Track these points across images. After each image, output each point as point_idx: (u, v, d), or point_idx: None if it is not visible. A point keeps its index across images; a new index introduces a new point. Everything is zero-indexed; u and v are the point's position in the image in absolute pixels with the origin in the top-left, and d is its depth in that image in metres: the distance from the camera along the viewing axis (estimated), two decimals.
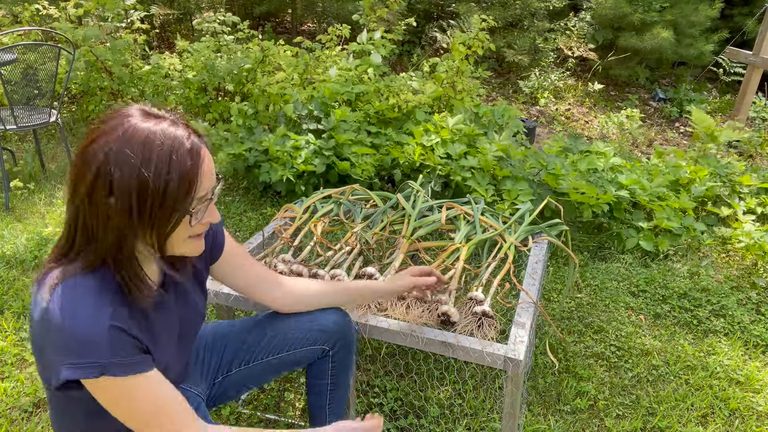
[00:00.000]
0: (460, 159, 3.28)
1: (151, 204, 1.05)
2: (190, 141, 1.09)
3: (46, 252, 2.91)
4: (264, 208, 3.51)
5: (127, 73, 4.33)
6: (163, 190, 1.05)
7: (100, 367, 1.04)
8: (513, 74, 6.48)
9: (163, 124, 1.08)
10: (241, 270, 1.46)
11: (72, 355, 1.03)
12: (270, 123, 3.89)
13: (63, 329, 1.03)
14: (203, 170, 1.10)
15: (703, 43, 5.93)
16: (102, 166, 1.04)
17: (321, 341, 1.56)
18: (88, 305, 1.05)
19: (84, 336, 1.03)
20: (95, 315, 1.05)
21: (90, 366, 1.03)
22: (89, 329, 1.03)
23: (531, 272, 1.98)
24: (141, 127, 1.06)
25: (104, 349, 1.04)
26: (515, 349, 1.57)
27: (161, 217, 1.08)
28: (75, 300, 1.05)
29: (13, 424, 2.00)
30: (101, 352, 1.04)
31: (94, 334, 1.04)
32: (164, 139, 1.06)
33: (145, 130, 1.06)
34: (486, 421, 2.03)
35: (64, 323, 1.03)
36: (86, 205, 1.06)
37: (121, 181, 1.04)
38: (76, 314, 1.04)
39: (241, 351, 1.56)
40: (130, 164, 1.04)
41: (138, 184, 1.04)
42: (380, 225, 2.15)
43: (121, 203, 1.04)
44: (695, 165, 3.60)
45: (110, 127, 1.07)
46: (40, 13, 4.56)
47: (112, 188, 1.04)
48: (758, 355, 2.41)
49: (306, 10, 7.02)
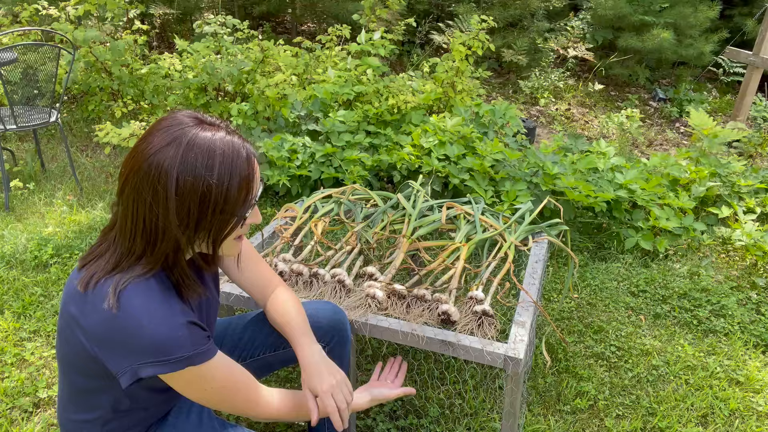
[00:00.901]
0: (459, 161, 3.28)
1: (212, 210, 1.11)
2: (245, 149, 1.15)
3: (46, 252, 2.90)
4: (264, 208, 3.51)
5: (127, 73, 4.33)
6: (225, 196, 1.11)
7: (185, 360, 1.12)
8: (513, 74, 6.48)
9: (221, 133, 1.13)
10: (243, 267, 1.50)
11: (156, 354, 1.10)
12: (269, 124, 3.89)
13: (142, 333, 1.09)
14: (255, 176, 1.17)
15: (703, 43, 5.93)
16: (168, 173, 1.08)
17: (316, 337, 1.57)
18: (161, 307, 1.12)
19: (166, 336, 1.10)
20: (170, 315, 1.12)
21: (177, 361, 1.11)
22: (169, 329, 1.10)
23: (531, 272, 1.98)
24: (202, 136, 1.11)
25: (187, 343, 1.12)
26: (515, 348, 1.57)
27: (221, 222, 1.14)
28: (148, 304, 1.11)
29: (13, 424, 2.00)
30: (185, 347, 1.12)
31: (175, 332, 1.11)
32: (224, 147, 1.11)
33: (206, 139, 1.11)
34: (486, 421, 2.03)
35: (143, 327, 1.09)
36: (148, 211, 1.10)
37: (186, 188, 1.08)
38: (153, 317, 1.10)
39: (237, 348, 1.58)
40: (195, 171, 1.09)
41: (202, 190, 1.09)
42: (381, 224, 2.15)
43: (185, 208, 1.10)
44: (695, 165, 3.60)
45: (169, 134, 1.10)
46: (39, 13, 4.56)
47: (177, 194, 1.09)
48: (758, 355, 2.41)
49: (305, 10, 7.02)
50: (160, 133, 1.11)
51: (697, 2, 5.93)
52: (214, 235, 1.16)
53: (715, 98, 6.20)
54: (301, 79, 4.27)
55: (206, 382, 1.18)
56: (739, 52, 5.29)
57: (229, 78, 4.02)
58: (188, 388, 1.18)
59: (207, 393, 1.20)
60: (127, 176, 1.11)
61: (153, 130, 1.13)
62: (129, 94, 4.40)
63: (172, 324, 1.11)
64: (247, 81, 4.12)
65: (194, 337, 1.14)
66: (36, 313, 2.54)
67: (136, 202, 1.10)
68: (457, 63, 4.12)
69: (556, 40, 5.92)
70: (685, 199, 3.25)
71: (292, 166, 3.38)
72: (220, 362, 1.20)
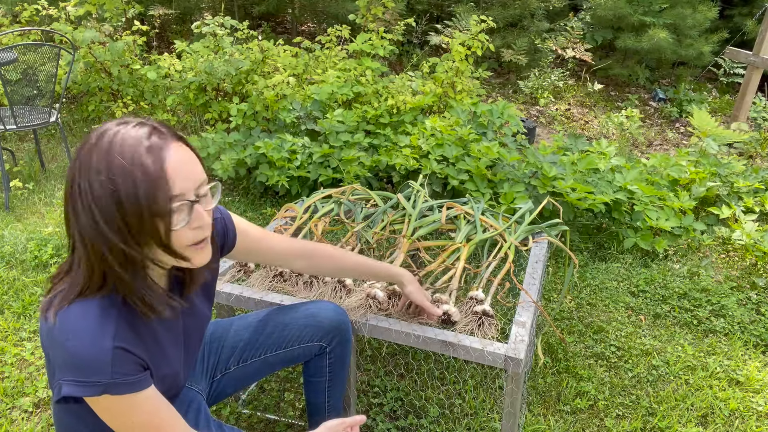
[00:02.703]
0: (457, 162, 3.28)
1: (126, 212, 1.00)
2: (149, 140, 1.02)
3: (46, 252, 2.91)
4: (264, 208, 3.51)
5: (127, 73, 4.33)
6: (135, 195, 0.99)
7: (101, 387, 1.05)
8: (513, 74, 6.48)
9: (128, 127, 1.03)
10: (255, 254, 1.50)
11: (75, 372, 1.04)
12: (268, 125, 3.89)
13: (67, 349, 1.04)
14: (170, 167, 1.02)
15: (702, 43, 5.93)
16: (76, 181, 1.01)
17: (318, 338, 1.57)
18: (92, 326, 1.05)
19: (87, 356, 1.03)
20: (99, 336, 1.05)
21: (93, 385, 1.04)
22: (92, 350, 1.04)
23: (531, 272, 1.98)
24: (106, 135, 1.02)
25: (106, 369, 1.04)
26: (516, 348, 1.57)
27: (146, 225, 1.02)
28: (79, 321, 1.05)
29: (13, 424, 2.00)
30: (103, 372, 1.04)
31: (97, 355, 1.04)
32: (123, 142, 1.00)
33: (109, 137, 1.01)
34: (486, 421, 2.03)
35: (68, 343, 1.04)
36: (74, 223, 1.04)
37: (94, 195, 1.00)
38: (80, 335, 1.04)
39: (238, 349, 1.57)
40: (97, 176, 1.00)
41: (110, 194, 0.99)
42: (381, 224, 2.15)
43: (101, 216, 1.00)
44: (696, 166, 3.60)
45: (84, 141, 1.04)
46: (39, 14, 4.56)
47: (89, 203, 1.00)
48: (758, 355, 2.41)
49: (305, 10, 7.02)
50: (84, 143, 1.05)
51: (696, 2, 5.93)
52: (157, 241, 1.04)
53: (715, 98, 6.20)
54: (300, 80, 4.27)
55: (125, 415, 1.10)
56: (739, 52, 5.29)
57: (228, 78, 4.02)
58: (106, 416, 1.11)
59: (127, 426, 1.12)
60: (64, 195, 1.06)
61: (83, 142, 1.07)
62: (129, 94, 4.40)
63: (96, 346, 1.04)
64: (246, 81, 4.12)
65: (119, 365, 1.05)
66: (36, 313, 2.53)
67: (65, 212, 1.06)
68: (457, 63, 4.12)
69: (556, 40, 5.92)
70: (685, 199, 3.25)
71: (292, 166, 3.39)
72: (146, 399, 1.11)
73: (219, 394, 1.59)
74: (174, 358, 1.24)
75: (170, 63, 4.28)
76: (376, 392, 2.13)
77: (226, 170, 3.44)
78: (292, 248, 1.55)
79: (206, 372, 1.55)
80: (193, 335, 1.32)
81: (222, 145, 3.61)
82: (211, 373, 1.56)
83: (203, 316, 1.34)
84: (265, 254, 1.51)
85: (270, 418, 2.01)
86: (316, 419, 1.70)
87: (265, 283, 1.85)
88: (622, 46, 5.92)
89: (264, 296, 1.78)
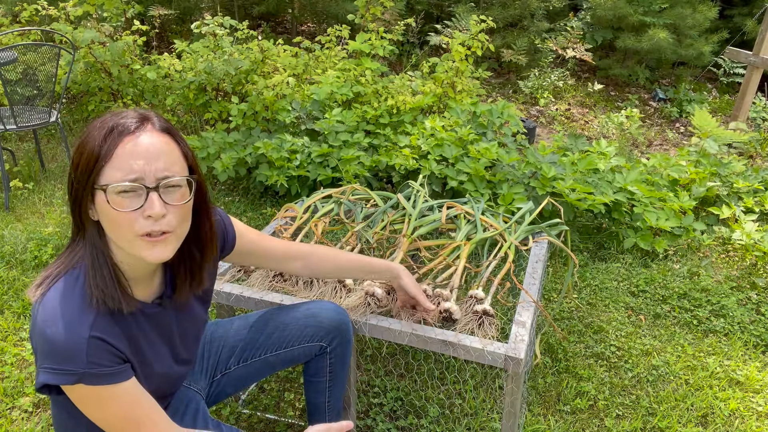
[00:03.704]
0: (457, 163, 3.27)
1: (70, 175, 1.08)
2: (119, 123, 1.06)
3: (46, 252, 2.90)
4: (264, 208, 3.51)
5: (127, 73, 4.33)
6: (77, 162, 1.07)
7: (75, 376, 1.05)
8: (513, 74, 6.48)
9: (125, 112, 1.09)
10: (253, 256, 1.50)
11: (51, 360, 1.04)
12: (268, 125, 3.89)
13: (45, 335, 1.04)
14: (119, 151, 1.04)
15: (702, 43, 5.93)
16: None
17: (318, 338, 1.57)
18: (72, 313, 1.05)
19: (63, 344, 1.03)
20: (77, 323, 1.05)
21: (67, 373, 1.04)
22: (68, 338, 1.03)
23: (531, 272, 1.98)
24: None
25: (81, 359, 1.04)
26: (516, 348, 1.57)
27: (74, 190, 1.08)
28: (59, 305, 1.05)
29: (13, 424, 2.00)
30: (78, 361, 1.04)
31: (73, 344, 1.04)
32: (101, 120, 1.08)
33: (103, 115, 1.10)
34: (486, 421, 2.03)
35: (47, 330, 1.04)
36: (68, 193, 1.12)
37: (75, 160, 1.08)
38: (57, 321, 1.04)
39: (238, 349, 1.57)
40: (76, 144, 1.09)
41: (72, 158, 1.08)
42: (381, 224, 2.15)
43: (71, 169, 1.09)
44: (696, 166, 3.60)
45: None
46: (39, 13, 4.56)
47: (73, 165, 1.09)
48: (758, 355, 2.41)
49: (305, 10, 7.02)
50: None
51: (696, 2, 5.93)
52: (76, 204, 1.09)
53: (715, 98, 6.20)
54: (300, 80, 4.27)
55: (102, 407, 1.10)
56: (739, 52, 5.29)
57: (228, 78, 4.02)
58: (83, 406, 1.10)
59: (105, 419, 1.11)
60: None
61: None
62: (129, 94, 4.40)
63: (72, 334, 1.03)
64: (246, 81, 4.12)
65: (95, 355, 1.05)
66: None
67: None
68: (457, 63, 4.12)
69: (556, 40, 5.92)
70: (685, 200, 3.25)
71: (291, 166, 3.39)
72: (124, 391, 1.10)
73: (219, 394, 1.58)
74: (163, 357, 1.23)
75: (170, 63, 4.27)
76: (376, 392, 2.13)
77: (226, 170, 3.44)
78: (289, 250, 1.56)
79: (206, 372, 1.55)
80: (188, 337, 1.31)
81: (222, 145, 3.61)
82: (211, 373, 1.56)
83: (199, 318, 1.34)
84: (262, 256, 1.52)
85: (270, 418, 2.01)
86: (316, 419, 1.70)
87: (265, 283, 1.85)
88: (622, 46, 5.92)
89: (264, 296, 1.78)
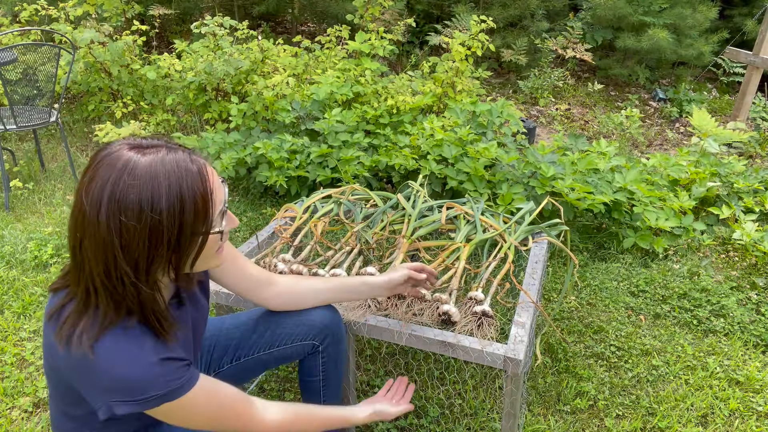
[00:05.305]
0: (456, 162, 3.27)
1: (168, 240, 1.03)
2: (195, 162, 1.06)
3: (46, 252, 2.90)
4: (264, 208, 3.51)
5: (126, 73, 4.33)
6: (179, 223, 1.03)
7: (159, 399, 1.08)
8: (513, 74, 6.48)
9: (160, 154, 1.03)
10: (229, 272, 1.45)
11: (127, 394, 1.06)
12: (268, 125, 3.89)
13: (114, 375, 1.05)
14: (214, 186, 1.08)
15: (702, 43, 5.93)
16: (109, 217, 0.99)
17: (310, 336, 1.57)
18: (130, 347, 1.07)
19: (137, 377, 1.06)
20: (141, 355, 1.07)
21: (151, 399, 1.08)
22: (140, 370, 1.06)
23: (531, 272, 1.98)
24: (142, 164, 1.01)
25: (160, 382, 1.08)
26: (515, 349, 1.57)
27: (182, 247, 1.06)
28: (118, 346, 1.06)
29: (13, 424, 2.00)
30: (157, 385, 1.08)
31: (147, 372, 1.07)
32: (168, 170, 1.02)
33: (146, 166, 1.01)
34: (486, 421, 2.03)
35: (114, 371, 1.05)
36: (100, 261, 1.02)
37: (134, 228, 1.00)
38: (124, 360, 1.06)
39: (231, 348, 1.58)
40: (139, 208, 0.99)
41: (151, 226, 1.00)
42: (380, 225, 2.15)
43: (139, 250, 1.02)
44: (696, 166, 3.60)
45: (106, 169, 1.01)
46: (39, 13, 4.56)
47: (122, 244, 1.01)
48: (758, 355, 2.41)
49: (304, 10, 7.02)
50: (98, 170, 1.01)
51: (696, 2, 5.93)
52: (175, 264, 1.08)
53: (715, 98, 6.20)
54: (300, 80, 4.27)
55: (188, 412, 1.14)
56: (739, 52, 5.29)
57: (228, 78, 4.02)
58: (170, 419, 1.15)
59: (193, 422, 1.16)
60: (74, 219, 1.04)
61: (88, 169, 1.03)
62: (128, 94, 4.40)
63: (142, 364, 1.07)
64: (246, 81, 4.12)
65: (168, 374, 1.09)
66: (36, 313, 2.53)
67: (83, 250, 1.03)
68: (457, 63, 4.12)
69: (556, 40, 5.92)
70: (685, 199, 3.24)
71: (291, 166, 3.39)
72: (200, 391, 1.15)
73: None
74: (189, 348, 1.28)
75: (170, 63, 4.28)
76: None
77: (225, 170, 3.44)
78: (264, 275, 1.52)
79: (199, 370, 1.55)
80: (199, 326, 1.35)
81: (222, 145, 3.61)
82: (204, 371, 1.57)
83: (204, 307, 1.38)
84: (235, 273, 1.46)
85: None
86: None
87: None
88: (622, 46, 5.92)
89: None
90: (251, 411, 1.26)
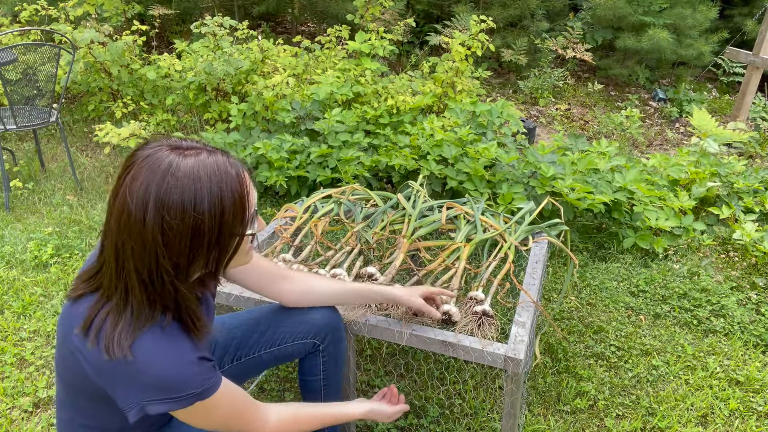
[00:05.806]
0: (456, 163, 3.27)
1: (208, 240, 1.06)
2: (233, 166, 1.08)
3: (46, 252, 2.90)
4: (264, 208, 3.51)
5: (126, 73, 4.33)
6: (219, 224, 1.06)
7: (195, 396, 1.11)
8: (513, 74, 6.48)
9: (201, 156, 1.05)
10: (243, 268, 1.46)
11: (164, 392, 1.08)
12: (268, 125, 3.89)
13: (152, 372, 1.07)
14: (249, 189, 1.12)
15: (702, 43, 5.93)
16: (153, 216, 1.01)
17: (311, 335, 1.58)
18: (172, 347, 1.10)
19: (177, 374, 1.09)
20: (181, 353, 1.10)
21: (187, 397, 1.10)
22: (180, 367, 1.09)
23: (531, 272, 1.98)
24: (184, 165, 1.03)
25: (197, 380, 1.11)
26: (515, 349, 1.57)
27: (221, 247, 1.10)
28: (157, 345, 1.08)
29: (13, 424, 2.00)
30: (194, 383, 1.11)
31: (186, 370, 1.10)
32: (210, 172, 1.04)
33: (189, 168, 1.03)
34: (486, 421, 2.03)
35: (152, 369, 1.07)
36: (143, 260, 1.04)
37: (173, 230, 1.02)
38: (164, 357, 1.08)
39: (232, 347, 1.58)
40: (182, 208, 1.02)
41: (194, 225, 1.03)
42: (380, 225, 2.15)
43: (175, 251, 1.04)
44: (696, 166, 3.60)
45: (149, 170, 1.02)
46: (39, 13, 4.56)
47: (165, 241, 1.03)
48: (758, 355, 2.41)
49: (305, 10, 7.02)
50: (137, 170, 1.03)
51: (696, 2, 5.93)
52: (213, 263, 1.11)
53: (715, 98, 6.20)
54: (300, 80, 4.27)
55: (210, 413, 1.17)
56: (739, 52, 5.29)
57: (228, 78, 4.02)
58: (192, 419, 1.17)
59: (210, 422, 1.20)
60: (110, 224, 1.05)
61: (129, 169, 1.04)
62: (128, 94, 4.40)
63: (182, 362, 1.10)
64: (246, 81, 4.12)
65: (204, 373, 1.13)
66: (36, 313, 2.53)
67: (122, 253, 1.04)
68: (457, 63, 4.12)
69: (556, 40, 5.92)
70: (684, 199, 3.24)
71: (291, 166, 3.39)
72: (224, 391, 1.18)
73: None
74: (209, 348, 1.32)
75: (170, 63, 4.28)
76: (376, 392, 2.12)
77: None
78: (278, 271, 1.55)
79: None
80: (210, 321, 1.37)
81: (222, 145, 3.61)
82: None
83: (213, 307, 1.40)
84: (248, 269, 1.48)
85: None
86: None
87: None
88: (622, 46, 5.92)
89: (264, 296, 1.77)
90: (257, 413, 1.28)
